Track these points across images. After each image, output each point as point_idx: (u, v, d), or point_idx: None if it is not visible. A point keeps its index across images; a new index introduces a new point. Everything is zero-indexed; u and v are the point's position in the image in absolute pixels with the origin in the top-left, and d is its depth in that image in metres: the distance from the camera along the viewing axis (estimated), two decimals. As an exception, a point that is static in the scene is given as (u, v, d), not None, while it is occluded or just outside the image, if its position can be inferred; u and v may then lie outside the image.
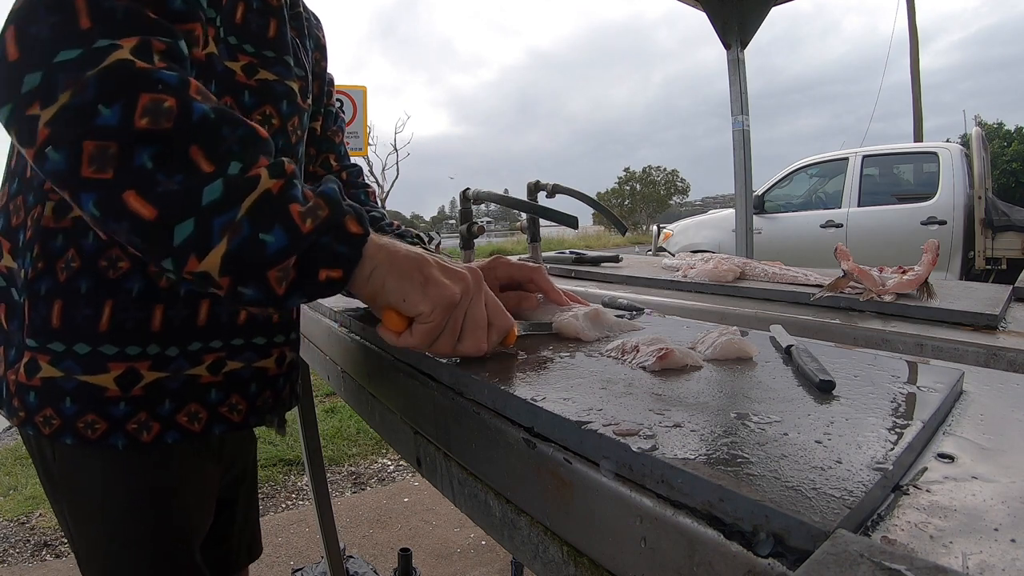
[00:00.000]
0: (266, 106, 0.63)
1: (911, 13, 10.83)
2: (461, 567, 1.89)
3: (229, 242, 0.41)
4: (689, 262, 1.18)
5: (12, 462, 2.72)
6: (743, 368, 0.47)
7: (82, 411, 0.56)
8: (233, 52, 0.59)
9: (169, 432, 0.59)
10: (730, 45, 3.20)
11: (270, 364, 0.68)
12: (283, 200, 0.42)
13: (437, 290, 0.46)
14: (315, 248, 0.43)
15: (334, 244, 0.44)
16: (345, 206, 0.45)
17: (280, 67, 0.64)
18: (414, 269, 0.47)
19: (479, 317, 0.49)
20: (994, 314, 0.72)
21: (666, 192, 36.15)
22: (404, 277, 0.46)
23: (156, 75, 0.41)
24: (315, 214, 0.43)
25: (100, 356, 0.56)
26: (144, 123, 0.39)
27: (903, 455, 0.30)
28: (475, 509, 0.48)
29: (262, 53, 0.62)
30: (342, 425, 3.07)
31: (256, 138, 0.44)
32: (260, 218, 0.42)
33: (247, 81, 0.60)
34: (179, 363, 0.59)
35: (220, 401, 0.63)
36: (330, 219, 0.44)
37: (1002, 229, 4.37)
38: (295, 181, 0.44)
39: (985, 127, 10.85)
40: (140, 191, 0.40)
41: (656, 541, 0.29)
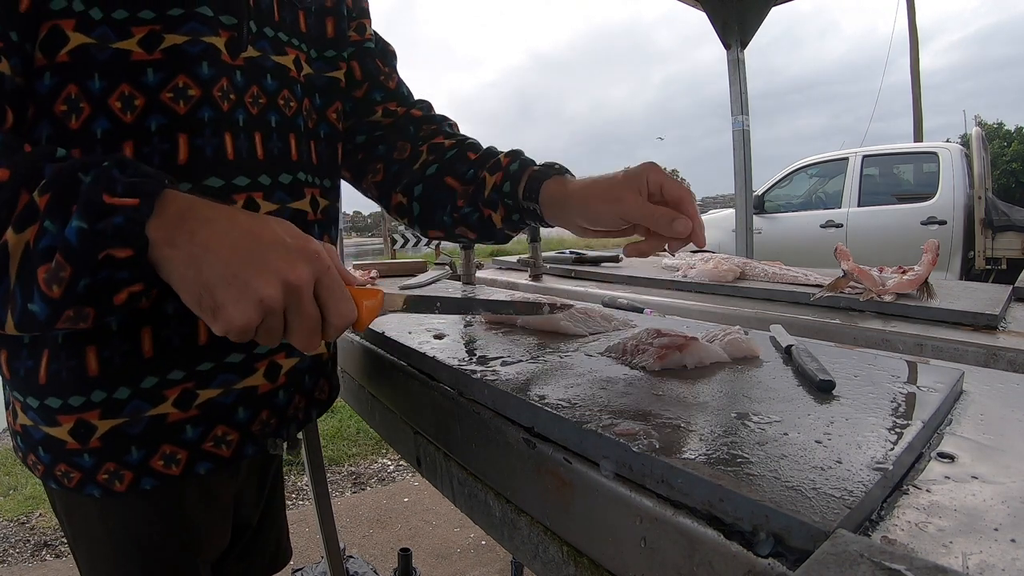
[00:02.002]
0: (178, 77, 0.52)
1: (911, 13, 10.83)
2: (461, 567, 1.89)
3: (12, 315, 0.39)
4: (689, 262, 1.18)
5: (12, 462, 2.72)
6: (743, 368, 0.47)
7: (55, 460, 0.53)
8: (123, 28, 0.49)
9: (144, 479, 0.53)
10: (730, 45, 3.20)
11: (258, 381, 0.58)
12: (34, 261, 0.38)
13: (226, 318, 0.40)
14: (93, 287, 0.39)
15: (112, 273, 0.39)
16: (96, 241, 0.38)
17: (193, 23, 0.52)
18: (204, 290, 0.40)
19: (302, 321, 0.42)
20: (994, 314, 0.72)
21: (666, 192, 36.11)
22: (193, 299, 0.40)
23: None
24: (58, 277, 0.38)
25: (48, 409, 0.51)
26: None
27: (903, 455, 0.30)
28: (475, 509, 0.48)
29: (166, 15, 0.51)
30: (342, 425, 3.07)
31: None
32: (25, 285, 0.39)
33: (148, 56, 0.50)
34: (135, 405, 0.52)
35: (201, 437, 0.55)
36: (76, 275, 0.38)
37: (1002, 229, 4.37)
38: (46, 224, 0.38)
39: (985, 127, 10.85)
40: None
41: (656, 541, 0.29)
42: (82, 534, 0.58)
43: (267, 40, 0.59)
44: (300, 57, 0.63)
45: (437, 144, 0.72)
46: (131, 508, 0.56)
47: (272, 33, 0.60)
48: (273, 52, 0.60)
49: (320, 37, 0.67)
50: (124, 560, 0.57)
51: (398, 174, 0.72)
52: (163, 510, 0.57)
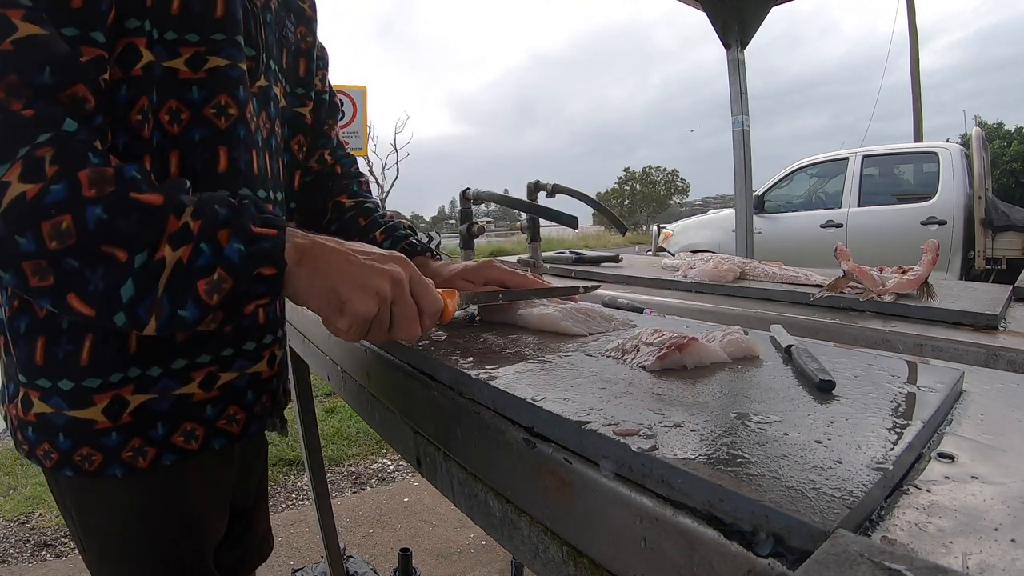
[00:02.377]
0: (220, 96, 0.58)
1: (911, 13, 10.83)
2: (461, 567, 1.89)
3: (156, 320, 0.46)
4: (689, 262, 1.18)
5: (12, 462, 2.72)
6: (743, 368, 0.47)
7: (76, 445, 0.56)
8: (173, 48, 0.55)
9: (165, 455, 0.59)
10: (730, 45, 3.20)
11: (263, 368, 0.67)
12: (191, 275, 0.46)
13: (352, 309, 0.49)
14: (233, 298, 0.47)
15: (253, 287, 0.48)
16: (251, 262, 0.47)
17: (232, 49, 0.59)
18: (331, 293, 0.49)
19: (405, 312, 0.51)
20: (994, 314, 0.72)
21: (666, 192, 36.15)
22: (321, 301, 0.50)
23: (46, 200, 0.43)
24: (220, 288, 0.47)
25: (84, 391, 0.56)
26: (55, 245, 0.44)
27: (903, 455, 0.30)
28: (475, 509, 0.47)
29: (210, 39, 0.57)
30: (342, 425, 3.07)
31: (151, 212, 0.46)
32: (175, 295, 0.46)
33: (194, 75, 0.57)
34: (164, 383, 0.58)
35: (217, 415, 0.62)
36: (235, 288, 0.47)
37: (1002, 229, 4.37)
38: (202, 245, 0.46)
39: (985, 127, 10.85)
40: (78, 293, 0.45)
41: (656, 541, 0.29)
42: (93, 523, 0.60)
43: (271, 72, 0.67)
44: (281, 91, 0.71)
45: (339, 203, 0.83)
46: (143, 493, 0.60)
47: (273, 66, 0.68)
48: (273, 83, 0.68)
49: (294, 74, 0.76)
50: (134, 548, 0.61)
51: (310, 225, 0.83)
52: (171, 496, 0.61)
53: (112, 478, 0.57)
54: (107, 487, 0.58)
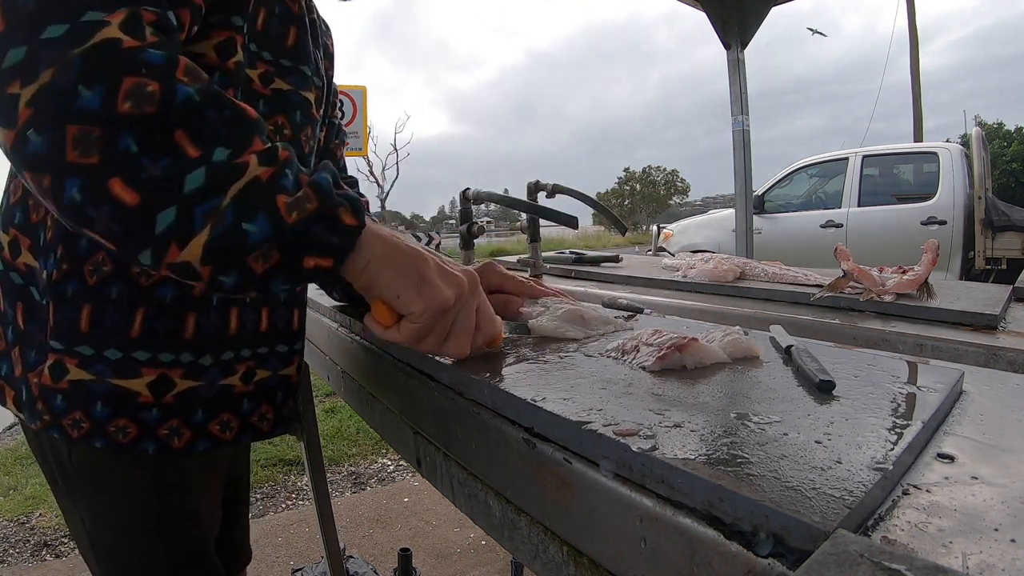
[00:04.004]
0: (278, 116, 0.62)
1: (911, 13, 10.83)
2: (461, 567, 1.89)
3: (212, 230, 0.40)
4: (689, 262, 1.18)
5: (12, 462, 2.72)
6: (743, 368, 0.47)
7: (114, 415, 0.55)
8: (253, 59, 0.58)
9: (200, 440, 0.59)
10: (730, 45, 3.20)
11: (292, 372, 0.68)
12: (271, 190, 0.41)
13: (432, 292, 0.46)
14: (303, 237, 0.42)
15: (326, 234, 0.43)
16: (338, 197, 0.44)
17: (296, 77, 0.63)
18: (411, 267, 0.46)
19: (468, 322, 0.49)
20: (994, 314, 0.72)
21: (666, 192, 36.15)
22: (400, 273, 0.46)
23: (142, 56, 0.39)
24: (302, 206, 0.42)
25: (133, 361, 0.55)
26: (127, 107, 0.38)
27: (903, 455, 0.30)
28: (475, 509, 0.48)
29: (279, 62, 0.61)
30: (342, 425, 3.07)
31: (244, 119, 0.43)
32: (244, 207, 0.40)
33: (263, 90, 0.60)
34: (214, 373, 0.59)
35: (251, 411, 0.63)
36: (318, 211, 0.43)
37: (1002, 229, 4.38)
38: (287, 170, 0.42)
39: (985, 127, 10.85)
40: (125, 178, 0.38)
41: (656, 541, 0.29)
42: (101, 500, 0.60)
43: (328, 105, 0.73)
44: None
45: None
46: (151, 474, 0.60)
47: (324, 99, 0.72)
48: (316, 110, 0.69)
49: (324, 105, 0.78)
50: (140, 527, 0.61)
51: None
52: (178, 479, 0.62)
53: (140, 454, 0.57)
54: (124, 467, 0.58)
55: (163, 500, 0.61)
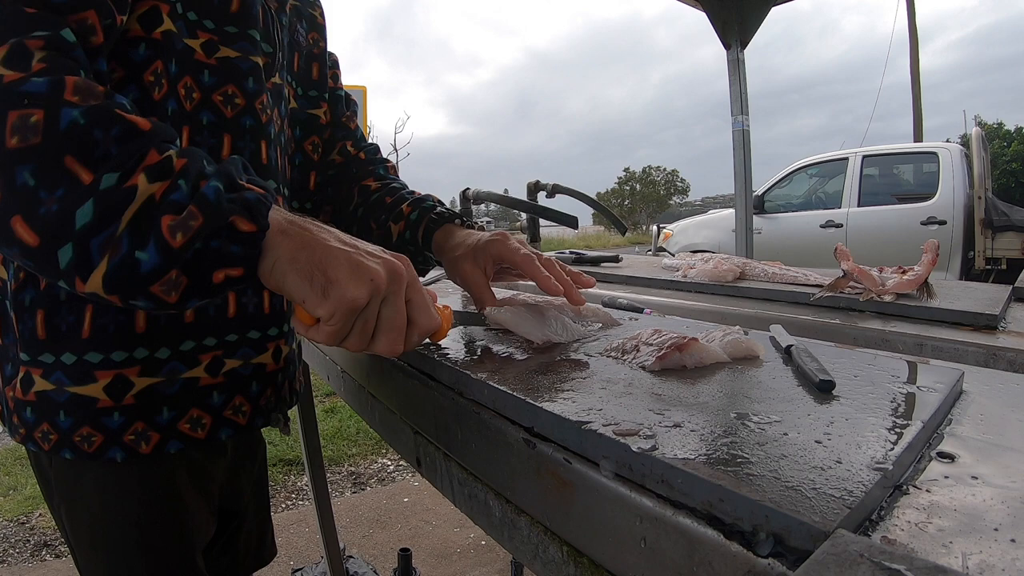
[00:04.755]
0: (228, 85, 0.59)
1: (911, 13, 10.82)
2: (461, 567, 1.89)
3: (108, 261, 0.39)
4: (689, 262, 1.18)
5: (12, 462, 2.72)
6: (743, 368, 0.47)
7: (77, 424, 0.54)
8: (192, 29, 0.56)
9: (171, 442, 0.57)
10: (730, 45, 3.20)
11: (267, 360, 0.65)
12: (159, 210, 0.40)
13: (339, 293, 0.43)
14: (203, 253, 0.41)
15: (226, 245, 0.41)
16: (230, 204, 0.42)
17: (244, 42, 0.60)
18: (316, 269, 0.43)
19: (394, 318, 0.45)
20: (994, 314, 0.72)
21: (666, 192, 36.17)
22: (304, 276, 0.43)
23: (23, 87, 0.39)
24: (187, 225, 0.40)
25: (86, 365, 0.53)
26: (15, 142, 0.38)
27: (903, 455, 0.30)
28: (475, 509, 0.48)
29: (223, 29, 0.58)
30: (342, 425, 3.07)
31: (135, 134, 0.41)
32: (137, 233, 0.40)
33: (207, 60, 0.57)
34: (173, 366, 0.56)
35: (224, 404, 0.60)
36: (205, 227, 0.41)
37: (1002, 229, 4.37)
38: (180, 182, 0.41)
39: (985, 127, 10.85)
40: (25, 215, 0.38)
41: (656, 541, 0.29)
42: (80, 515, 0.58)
43: (283, 71, 0.68)
44: (290, 92, 0.72)
45: (365, 187, 0.81)
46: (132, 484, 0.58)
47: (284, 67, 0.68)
48: (284, 82, 0.68)
49: (306, 78, 0.77)
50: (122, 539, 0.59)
51: (339, 214, 0.82)
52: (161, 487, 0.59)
53: (110, 463, 0.55)
54: (100, 474, 0.56)
55: (145, 512, 0.59)
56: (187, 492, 0.62)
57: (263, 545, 0.79)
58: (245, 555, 0.77)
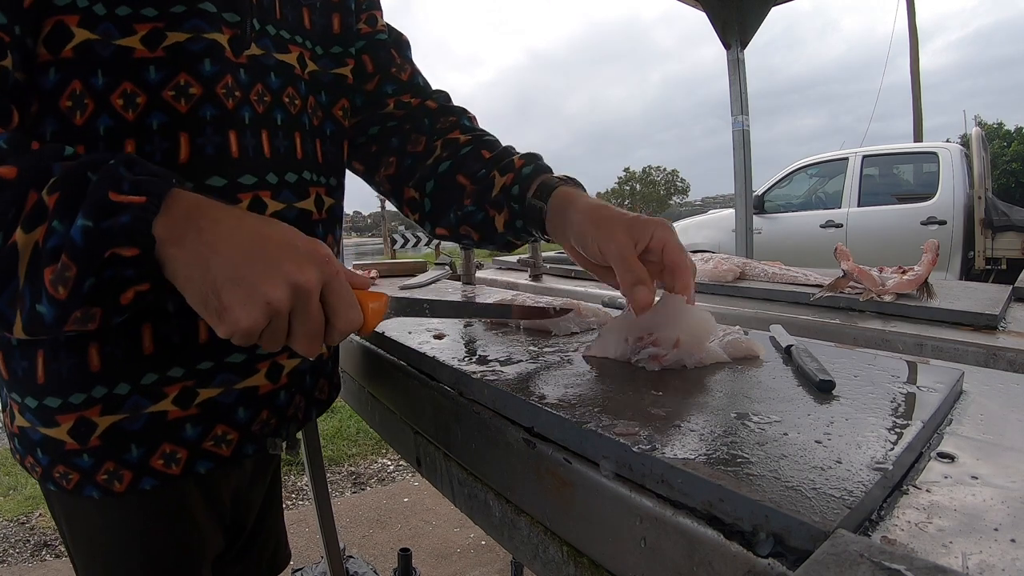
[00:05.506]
0: (179, 76, 0.51)
1: (911, 13, 10.82)
2: (461, 567, 1.89)
3: (21, 316, 0.39)
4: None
5: (12, 462, 2.72)
6: (743, 368, 0.47)
7: (53, 462, 0.52)
8: (127, 24, 0.49)
9: (144, 479, 0.53)
10: (730, 45, 3.20)
11: (259, 381, 0.58)
12: (43, 262, 0.38)
13: (231, 320, 0.39)
14: (99, 284, 0.39)
15: (119, 271, 0.39)
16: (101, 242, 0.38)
17: (196, 20, 0.52)
18: (210, 291, 0.39)
19: (307, 327, 0.42)
20: (994, 314, 0.72)
21: (666, 192, 36.19)
22: (198, 300, 0.40)
23: None
24: (63, 277, 0.38)
25: (46, 409, 0.51)
26: None
27: (903, 455, 0.30)
28: (475, 509, 0.48)
29: (168, 12, 0.50)
30: (342, 425, 3.07)
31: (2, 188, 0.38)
32: (33, 286, 0.39)
33: (151, 54, 0.50)
34: (134, 400, 0.52)
35: (201, 436, 0.55)
36: (81, 275, 0.38)
37: (1002, 229, 4.37)
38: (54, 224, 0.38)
39: (985, 127, 10.85)
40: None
41: (656, 541, 0.29)
42: (81, 537, 0.57)
43: (269, 38, 0.58)
44: (304, 54, 0.62)
45: (452, 139, 0.70)
46: (130, 509, 0.55)
47: (274, 31, 0.59)
48: (276, 50, 0.59)
49: (325, 33, 0.66)
50: (124, 565, 0.57)
51: (411, 168, 0.70)
52: (162, 510, 0.57)
53: (90, 500, 0.53)
54: (91, 504, 0.54)
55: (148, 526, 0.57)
56: (194, 508, 0.59)
57: (278, 551, 0.77)
58: (260, 562, 0.74)
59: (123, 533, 0.56)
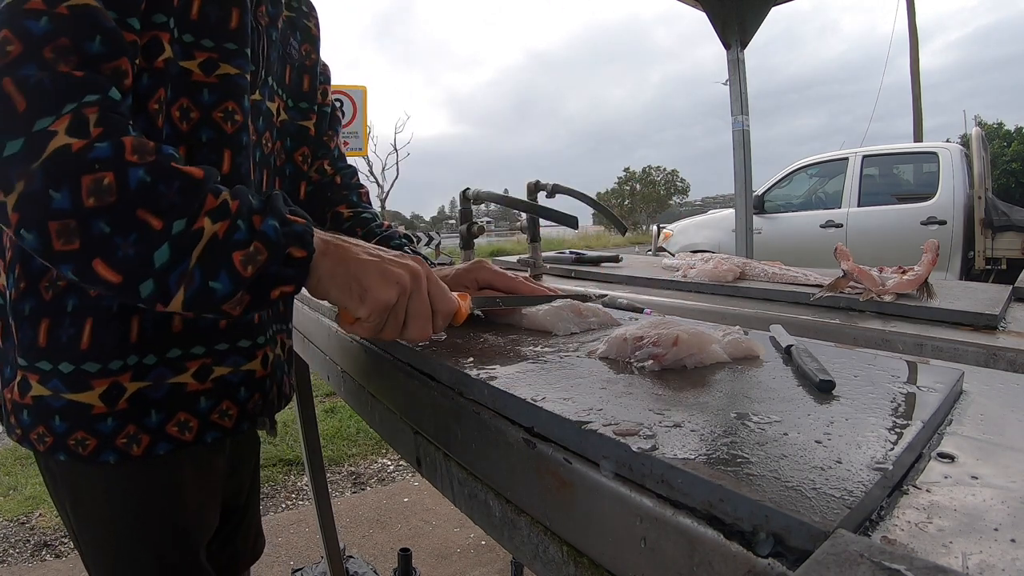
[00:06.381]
0: (228, 102, 0.61)
1: (911, 12, 10.83)
2: (461, 567, 1.89)
3: (185, 291, 0.46)
4: (689, 262, 1.18)
5: (12, 462, 2.72)
6: (743, 368, 0.47)
7: (71, 429, 0.56)
8: (189, 50, 0.58)
9: (160, 444, 0.59)
10: (730, 45, 3.20)
11: (256, 366, 0.67)
12: (227, 247, 0.47)
13: (373, 297, 0.51)
14: (263, 277, 0.48)
15: (283, 270, 0.49)
16: (285, 238, 0.49)
17: (242, 60, 0.62)
18: (352, 280, 0.52)
19: (420, 309, 0.54)
20: (994, 314, 0.72)
21: (666, 192, 36.18)
22: (343, 288, 0.52)
23: (91, 154, 0.44)
24: (255, 260, 0.48)
25: (83, 374, 0.56)
26: (92, 202, 0.44)
27: (903, 455, 0.30)
28: (475, 509, 0.48)
29: (223, 46, 0.60)
30: (342, 425, 3.07)
31: (192, 184, 0.47)
32: (208, 266, 0.46)
33: (206, 79, 0.59)
34: (159, 371, 0.59)
35: (211, 408, 0.63)
36: (270, 260, 0.48)
37: (1002, 229, 4.37)
38: (238, 222, 0.48)
39: (985, 127, 10.86)
40: (104, 258, 0.45)
41: (656, 541, 0.29)
42: (84, 513, 0.61)
43: (267, 87, 0.69)
44: (280, 105, 0.74)
45: (338, 213, 0.84)
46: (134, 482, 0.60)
47: (271, 82, 0.70)
48: (268, 98, 0.69)
49: (298, 90, 0.78)
50: (127, 539, 0.61)
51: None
52: (164, 486, 0.62)
53: (105, 464, 0.58)
54: (100, 474, 0.59)
55: (147, 509, 0.61)
56: (191, 488, 0.64)
57: (258, 538, 0.84)
58: (244, 549, 0.81)
59: (126, 505, 0.61)
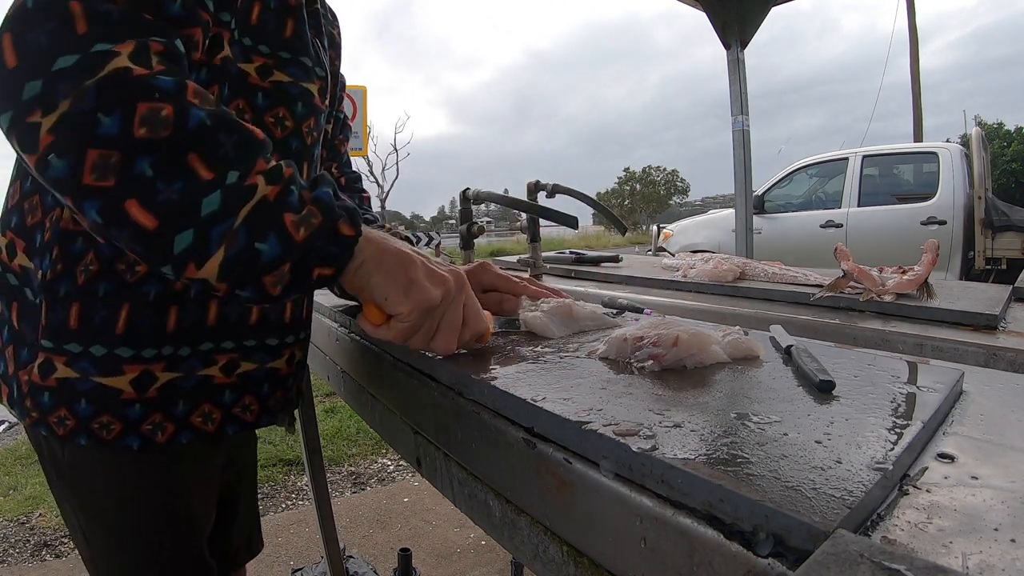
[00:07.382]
0: (279, 108, 0.62)
1: (911, 12, 10.83)
2: (461, 567, 1.89)
3: (226, 251, 0.43)
4: (689, 262, 1.18)
5: (12, 462, 2.72)
6: (743, 368, 0.47)
7: (97, 412, 0.56)
8: (247, 53, 0.59)
9: (183, 433, 0.60)
10: (730, 45, 3.20)
11: (282, 364, 0.68)
12: (279, 208, 0.44)
13: (418, 293, 0.49)
14: (309, 252, 0.45)
15: (328, 246, 0.46)
16: (338, 209, 0.47)
17: (295, 68, 0.63)
18: (400, 270, 0.49)
19: (455, 319, 0.52)
20: (994, 314, 0.72)
21: (666, 192, 36.18)
22: (389, 276, 0.49)
23: (153, 82, 0.41)
24: (308, 222, 0.45)
25: (116, 359, 0.56)
26: (143, 132, 0.40)
27: (903, 455, 0.30)
28: (475, 509, 0.48)
29: (277, 54, 0.61)
30: (342, 425, 3.07)
31: (253, 142, 0.45)
32: (256, 227, 0.43)
33: (261, 83, 0.60)
34: (191, 363, 0.60)
35: (234, 402, 0.63)
36: (323, 226, 0.45)
37: (1002, 229, 4.37)
38: (291, 187, 0.45)
39: (985, 127, 10.86)
40: (141, 200, 0.41)
41: (656, 541, 0.29)
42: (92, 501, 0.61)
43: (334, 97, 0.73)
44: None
45: None
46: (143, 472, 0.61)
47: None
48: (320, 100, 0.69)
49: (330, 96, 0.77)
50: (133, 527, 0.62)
51: None
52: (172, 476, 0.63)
53: (124, 451, 0.58)
54: (111, 464, 0.59)
55: (153, 501, 0.62)
56: (194, 483, 0.65)
57: (252, 537, 0.84)
58: (238, 547, 0.81)
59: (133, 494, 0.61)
